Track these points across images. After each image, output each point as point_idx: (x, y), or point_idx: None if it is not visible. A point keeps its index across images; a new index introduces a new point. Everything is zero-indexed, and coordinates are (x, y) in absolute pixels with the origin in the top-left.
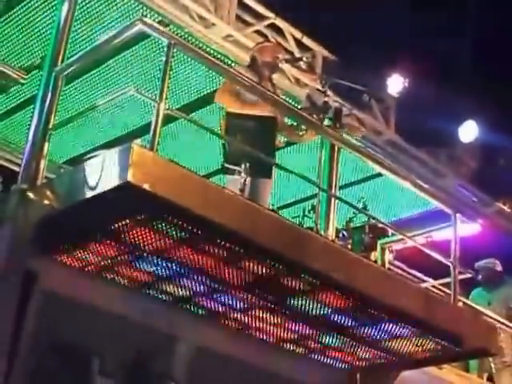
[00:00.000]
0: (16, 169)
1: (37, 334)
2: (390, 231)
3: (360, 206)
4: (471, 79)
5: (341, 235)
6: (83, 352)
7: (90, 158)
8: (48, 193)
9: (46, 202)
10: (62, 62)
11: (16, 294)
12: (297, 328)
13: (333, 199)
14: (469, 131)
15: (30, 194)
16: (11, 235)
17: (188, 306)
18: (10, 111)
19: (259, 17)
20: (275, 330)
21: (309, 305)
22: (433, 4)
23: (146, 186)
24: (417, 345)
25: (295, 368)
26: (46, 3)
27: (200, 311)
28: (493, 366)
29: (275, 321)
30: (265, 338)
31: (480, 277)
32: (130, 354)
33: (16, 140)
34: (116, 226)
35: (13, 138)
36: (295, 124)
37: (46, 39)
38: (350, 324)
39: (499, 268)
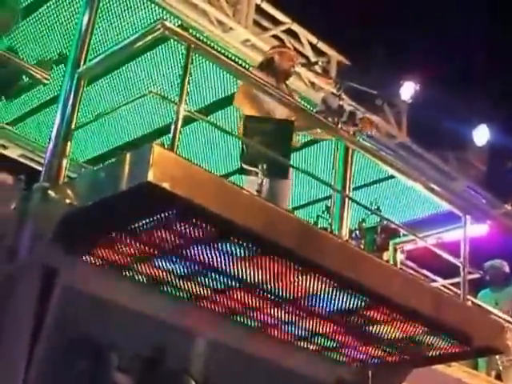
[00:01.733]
0: (38, 167)
1: (57, 329)
2: (402, 232)
3: (373, 207)
4: (483, 83)
5: (354, 235)
6: (102, 347)
7: (111, 158)
8: (69, 191)
9: (68, 200)
10: (85, 63)
11: (37, 289)
12: (310, 326)
13: (346, 200)
14: (481, 135)
15: (52, 193)
16: (33, 232)
17: (205, 304)
18: (34, 110)
19: (276, 22)
20: (289, 328)
21: (322, 303)
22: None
23: (165, 186)
24: (427, 343)
25: (308, 365)
26: (68, 5)
27: (216, 308)
28: (500, 363)
29: (289, 318)
30: (279, 335)
31: (487, 277)
32: (147, 350)
33: (39, 139)
34: (136, 224)
35: (36, 137)
36: None
37: (68, 40)
38: (362, 322)
39: (506, 269)
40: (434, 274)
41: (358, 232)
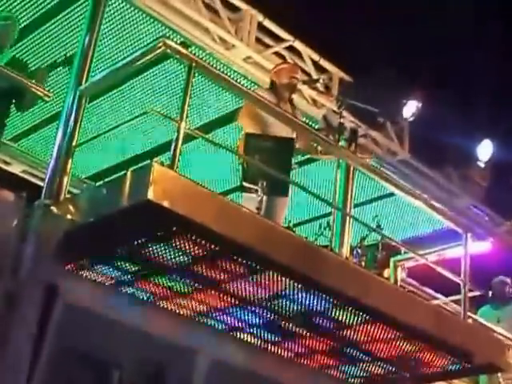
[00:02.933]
0: (40, 183)
1: (58, 346)
2: (403, 249)
3: (374, 224)
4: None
5: (355, 252)
6: (103, 364)
7: (113, 175)
8: (71, 208)
9: (69, 217)
10: (87, 80)
11: (38, 306)
12: (311, 343)
13: (347, 218)
14: (485, 150)
15: (53, 209)
16: (34, 249)
17: (205, 321)
18: (36, 126)
19: (278, 39)
20: (290, 345)
21: (322, 320)
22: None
23: (165, 204)
24: (428, 360)
25: (309, 382)
26: (70, 23)
27: (217, 325)
28: (502, 381)
29: (290, 336)
30: (280, 352)
31: (491, 293)
32: (148, 367)
33: (41, 155)
34: (136, 241)
35: (38, 153)
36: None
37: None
38: (362, 339)
39: (510, 286)
40: (435, 291)
41: (359, 249)
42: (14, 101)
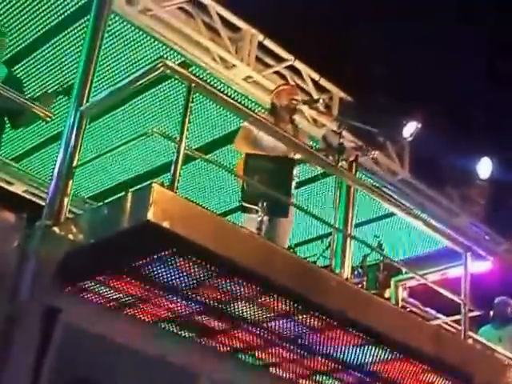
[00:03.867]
0: (41, 203)
1: (58, 368)
2: (404, 269)
3: (375, 244)
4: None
5: (356, 272)
6: None
7: (115, 195)
8: (71, 229)
9: (70, 238)
10: (87, 101)
11: (38, 329)
12: (312, 364)
13: (348, 238)
14: (485, 168)
15: (54, 230)
16: (34, 270)
17: (208, 343)
18: (38, 147)
19: (278, 59)
20: (291, 366)
21: (322, 341)
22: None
23: (165, 225)
24: (428, 381)
25: None
26: (71, 43)
27: (219, 347)
28: None
29: (291, 357)
30: (281, 373)
31: (492, 313)
32: None
33: (43, 175)
34: (137, 263)
35: (40, 173)
36: None
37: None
38: (363, 360)
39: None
40: (437, 311)
41: (360, 269)
42: (9, 118)
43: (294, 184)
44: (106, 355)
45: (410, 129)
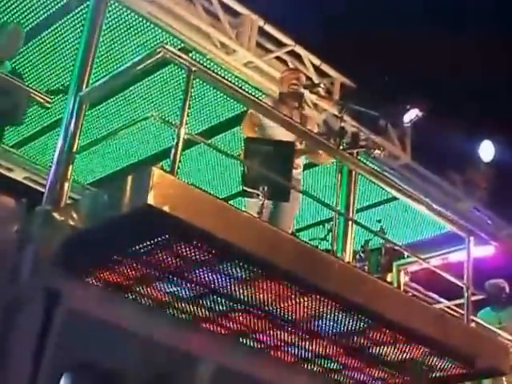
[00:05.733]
0: (42, 190)
1: (59, 352)
2: (406, 253)
3: (377, 228)
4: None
5: (358, 257)
6: (105, 371)
7: (112, 181)
8: (71, 214)
9: (70, 223)
10: (87, 86)
11: (39, 313)
12: (313, 347)
13: (350, 222)
14: (487, 151)
15: (54, 215)
16: (35, 255)
17: (208, 326)
18: (37, 133)
19: (279, 44)
20: (292, 350)
21: (325, 325)
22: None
23: (165, 209)
24: (430, 364)
25: None
26: (70, 30)
27: (220, 331)
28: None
29: (292, 340)
30: (283, 357)
31: (487, 296)
32: (151, 374)
33: (42, 162)
34: (137, 247)
35: (39, 160)
36: None
37: (70, 64)
38: (365, 344)
39: (507, 289)
40: (439, 295)
41: (362, 253)
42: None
43: (298, 171)
44: (107, 338)
45: (411, 115)
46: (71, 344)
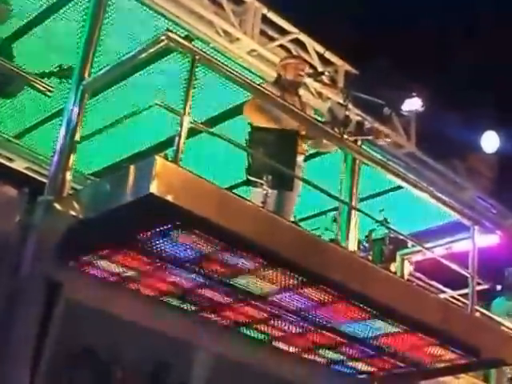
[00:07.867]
0: (43, 180)
1: (60, 341)
2: (410, 243)
3: (381, 217)
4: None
5: (362, 246)
6: (105, 360)
7: (115, 170)
8: (73, 204)
9: (72, 212)
10: (89, 75)
11: (40, 302)
12: (316, 338)
13: (353, 211)
14: (490, 142)
15: (56, 205)
16: (37, 245)
17: (209, 316)
18: (39, 123)
19: (283, 32)
20: (295, 340)
21: (329, 315)
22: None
23: (169, 198)
24: (434, 355)
25: (315, 377)
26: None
27: (220, 321)
28: (510, 376)
29: (295, 331)
30: (285, 347)
31: (503, 285)
32: (150, 363)
33: (44, 152)
34: (140, 236)
35: (41, 150)
36: None
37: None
38: (369, 334)
39: None
40: (444, 285)
41: (366, 243)
42: None
43: (302, 158)
44: (108, 329)
45: (411, 106)
46: (72, 333)
